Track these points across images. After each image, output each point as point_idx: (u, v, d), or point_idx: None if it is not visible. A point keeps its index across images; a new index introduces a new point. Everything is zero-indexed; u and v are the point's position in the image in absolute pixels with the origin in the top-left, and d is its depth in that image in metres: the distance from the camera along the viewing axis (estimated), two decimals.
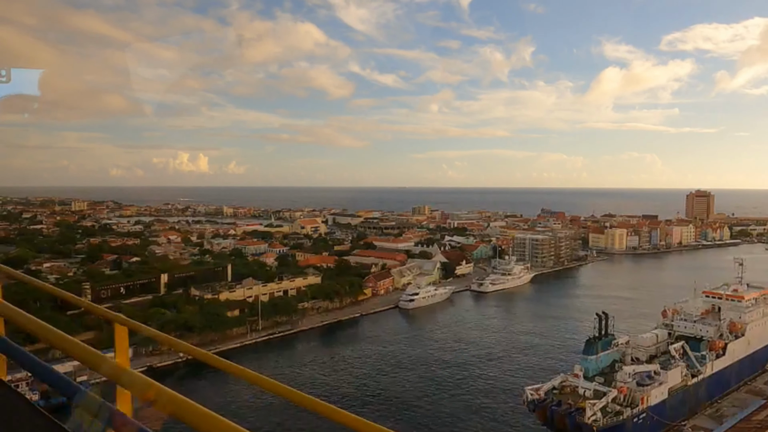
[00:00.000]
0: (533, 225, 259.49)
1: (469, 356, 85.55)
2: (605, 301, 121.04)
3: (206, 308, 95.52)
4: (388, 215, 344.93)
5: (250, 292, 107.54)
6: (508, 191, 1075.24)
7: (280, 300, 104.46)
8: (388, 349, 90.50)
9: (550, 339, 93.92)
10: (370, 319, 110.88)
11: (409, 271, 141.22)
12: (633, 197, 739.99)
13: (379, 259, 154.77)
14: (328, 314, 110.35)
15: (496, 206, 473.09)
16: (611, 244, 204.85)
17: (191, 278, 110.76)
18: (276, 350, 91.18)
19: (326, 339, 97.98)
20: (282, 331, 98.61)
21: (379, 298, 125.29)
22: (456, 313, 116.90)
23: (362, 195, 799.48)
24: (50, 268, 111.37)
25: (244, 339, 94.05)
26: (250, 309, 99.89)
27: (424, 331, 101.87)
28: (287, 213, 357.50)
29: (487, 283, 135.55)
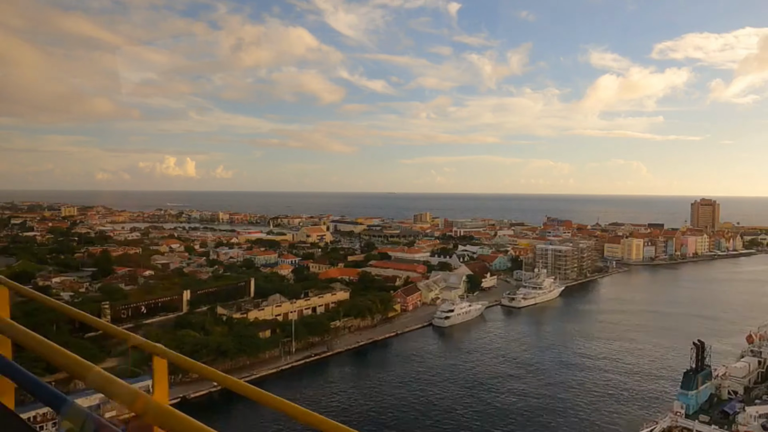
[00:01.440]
0: (543, 234, 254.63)
1: (536, 384, 78.60)
2: (648, 318, 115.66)
3: (236, 329, 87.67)
4: (389, 222, 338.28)
5: (279, 310, 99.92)
6: (497, 197, 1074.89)
7: (312, 319, 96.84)
8: (437, 374, 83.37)
9: (611, 362, 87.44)
10: (405, 339, 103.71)
11: (436, 284, 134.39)
12: (623, 204, 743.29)
13: (399, 271, 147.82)
14: (361, 333, 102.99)
15: (493, 213, 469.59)
16: (628, 255, 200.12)
17: (213, 294, 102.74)
18: (315, 375, 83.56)
19: (365, 361, 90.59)
20: (317, 353, 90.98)
21: (409, 314, 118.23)
22: (495, 331, 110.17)
23: (353, 201, 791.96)
24: (61, 284, 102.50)
25: (279, 363, 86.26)
26: (282, 329, 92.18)
27: (470, 352, 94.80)
28: (285, 220, 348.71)
29: (519, 297, 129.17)
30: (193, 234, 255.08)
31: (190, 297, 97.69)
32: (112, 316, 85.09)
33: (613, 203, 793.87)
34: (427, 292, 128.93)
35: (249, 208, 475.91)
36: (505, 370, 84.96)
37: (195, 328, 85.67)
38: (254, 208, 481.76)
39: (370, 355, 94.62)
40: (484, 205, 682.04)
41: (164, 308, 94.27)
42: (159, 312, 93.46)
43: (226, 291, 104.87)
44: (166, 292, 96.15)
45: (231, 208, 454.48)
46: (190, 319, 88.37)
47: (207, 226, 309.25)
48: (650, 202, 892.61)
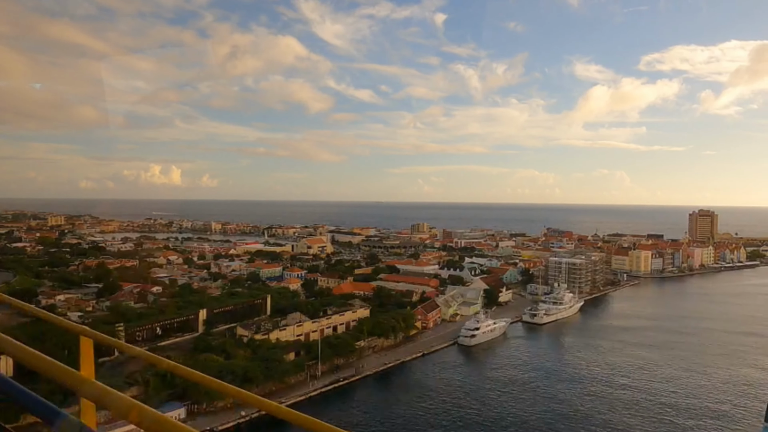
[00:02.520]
0: (546, 245, 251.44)
1: (587, 409, 73.62)
2: (684, 336, 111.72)
3: (260, 352, 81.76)
4: (386, 233, 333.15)
5: (300, 330, 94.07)
6: (485, 207, 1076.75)
7: (336, 339, 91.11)
8: (478, 400, 78.14)
9: (665, 385, 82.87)
10: (433, 360, 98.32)
11: (453, 300, 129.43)
12: (610, 214, 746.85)
13: (412, 285, 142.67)
14: (386, 354, 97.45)
15: (484, 223, 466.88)
16: (636, 267, 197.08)
17: (229, 313, 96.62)
18: (346, 402, 77.91)
19: (396, 385, 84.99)
20: (345, 377, 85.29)
21: (430, 332, 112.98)
22: (523, 350, 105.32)
23: (343, 210, 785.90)
24: (66, 302, 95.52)
25: (306, 388, 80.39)
26: (306, 351, 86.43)
27: (504, 375, 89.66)
28: (279, 230, 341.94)
29: (541, 313, 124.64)
30: (188, 245, 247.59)
31: (206, 316, 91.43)
32: (126, 340, 78.61)
33: (600, 213, 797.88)
34: (446, 308, 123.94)
35: (239, 217, 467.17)
36: (549, 395, 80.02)
37: (216, 351, 79.59)
38: (244, 217, 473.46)
39: (398, 377, 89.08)
40: (474, 215, 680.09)
41: (179, 329, 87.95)
42: (174, 333, 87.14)
43: (242, 309, 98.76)
44: (181, 311, 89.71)
45: (219, 217, 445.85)
46: (209, 341, 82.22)
47: (201, 237, 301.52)
48: (635, 211, 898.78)
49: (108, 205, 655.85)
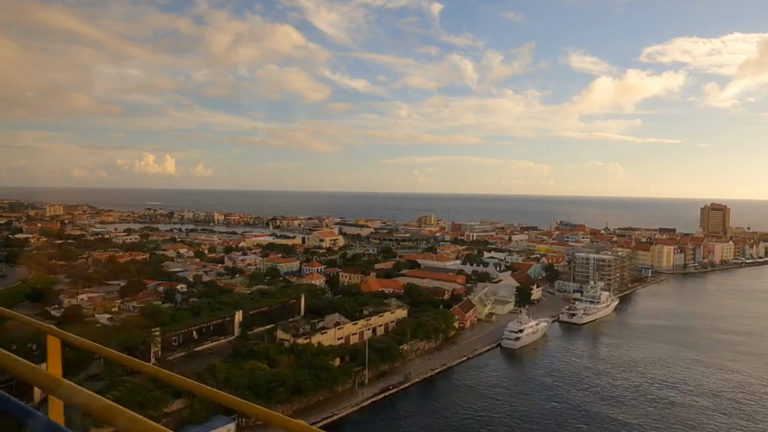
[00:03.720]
0: (560, 239, 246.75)
1: (659, 418, 68.37)
2: (728, 336, 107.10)
3: (304, 358, 75.91)
4: (392, 224, 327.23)
5: (341, 333, 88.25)
6: (480, 198, 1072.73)
7: (382, 343, 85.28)
8: (542, 413, 72.83)
9: (742, 393, 77.95)
10: (479, 364, 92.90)
11: (487, 298, 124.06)
12: (606, 206, 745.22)
13: (439, 282, 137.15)
14: (430, 358, 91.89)
15: (482, 214, 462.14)
16: (657, 262, 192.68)
17: (264, 315, 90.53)
18: (401, 413, 72.26)
19: (447, 393, 79.38)
20: (394, 384, 79.65)
21: (468, 333, 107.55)
22: (569, 352, 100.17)
23: (339, 201, 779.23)
24: (90, 302, 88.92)
25: (356, 397, 74.70)
26: (351, 356, 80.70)
27: (561, 381, 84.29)
28: (284, 221, 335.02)
29: (580, 313, 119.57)
30: (194, 237, 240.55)
31: (241, 318, 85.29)
32: (163, 346, 72.52)
33: (596, 205, 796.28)
34: (482, 307, 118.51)
35: (238, 208, 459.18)
36: (614, 406, 74.83)
37: (258, 357, 73.53)
38: (243, 208, 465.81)
39: (448, 384, 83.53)
40: (471, 206, 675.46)
41: (215, 331, 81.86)
42: (209, 336, 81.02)
43: (277, 310, 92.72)
44: (215, 312, 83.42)
45: (216, 207, 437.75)
46: (250, 346, 76.15)
47: (205, 228, 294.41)
48: (630, 204, 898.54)
49: (102, 195, 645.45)
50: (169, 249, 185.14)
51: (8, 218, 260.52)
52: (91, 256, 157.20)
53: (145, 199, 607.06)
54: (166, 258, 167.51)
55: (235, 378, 65.25)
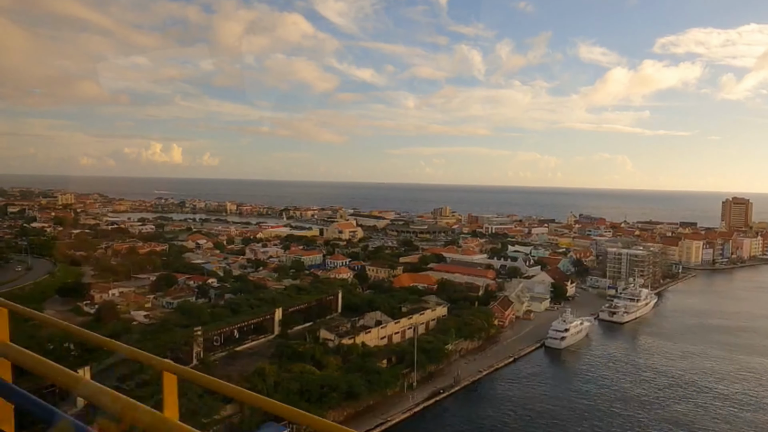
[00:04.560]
0: (582, 233, 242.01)
1: None
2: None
3: (351, 359, 72.00)
4: (406, 216, 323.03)
5: (383, 332, 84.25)
6: (487, 190, 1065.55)
7: (428, 343, 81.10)
8: (605, 421, 68.70)
9: None
10: (525, 365, 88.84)
11: (523, 294, 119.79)
12: (615, 199, 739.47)
13: (471, 277, 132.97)
14: (475, 359, 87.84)
15: (492, 206, 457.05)
16: (686, 258, 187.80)
17: (302, 312, 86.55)
18: (459, 420, 68.25)
19: (501, 399, 75.35)
20: (444, 388, 75.63)
21: (508, 331, 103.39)
22: (618, 354, 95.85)
23: (347, 191, 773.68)
24: (124, 298, 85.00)
25: (407, 402, 70.71)
26: (399, 357, 76.72)
27: (617, 385, 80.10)
28: (297, 212, 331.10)
29: (621, 311, 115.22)
30: (209, 227, 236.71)
31: (281, 316, 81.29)
32: (204, 346, 68.63)
33: (606, 198, 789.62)
34: (519, 304, 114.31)
35: (247, 197, 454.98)
36: (682, 414, 70.65)
37: (304, 358, 69.56)
38: (252, 198, 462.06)
39: (496, 387, 79.46)
40: (479, 198, 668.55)
41: (255, 330, 77.92)
42: (249, 335, 77.11)
43: (315, 307, 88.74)
44: (255, 310, 79.33)
45: (224, 197, 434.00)
46: (295, 346, 72.09)
47: (218, 218, 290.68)
48: (640, 197, 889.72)
49: (110, 183, 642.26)
50: (188, 240, 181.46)
51: (21, 206, 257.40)
52: (111, 246, 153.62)
53: (152, 187, 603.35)
54: (186, 249, 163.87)
55: (285, 382, 61.29)
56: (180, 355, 65.11)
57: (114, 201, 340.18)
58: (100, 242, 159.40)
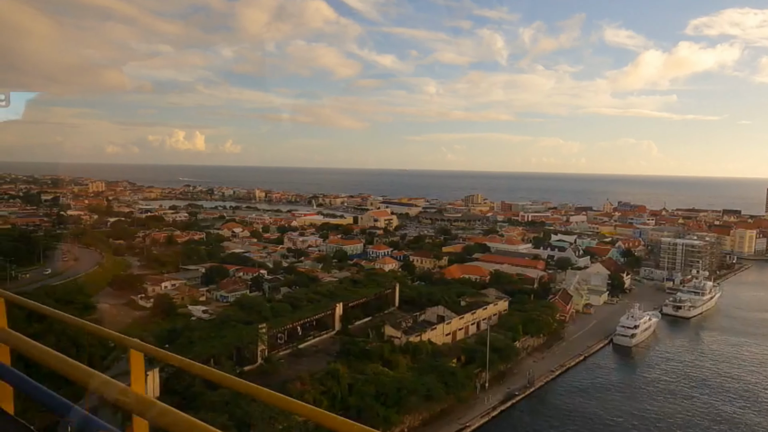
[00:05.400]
0: (623, 220, 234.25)
1: None
2: None
3: (420, 358, 67.62)
4: (436, 203, 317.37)
5: (448, 328, 79.65)
6: (509, 176, 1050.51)
7: (499, 341, 76.26)
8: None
9: None
10: (597, 365, 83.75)
11: (581, 287, 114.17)
12: (644, 185, 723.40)
13: (521, 268, 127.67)
14: (543, 357, 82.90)
15: (524, 193, 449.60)
16: (738, 248, 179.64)
17: (360, 306, 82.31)
18: (542, 428, 63.52)
19: (586, 400, 70.37)
20: (518, 389, 70.90)
21: (571, 327, 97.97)
22: (694, 351, 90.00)
23: (369, 179, 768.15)
24: (178, 292, 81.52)
25: (481, 405, 66.15)
26: (469, 356, 72.15)
27: (708, 383, 74.45)
28: (326, 199, 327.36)
29: (687, 305, 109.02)
30: (241, 215, 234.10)
31: (341, 311, 77.13)
32: (269, 343, 64.67)
33: (634, 184, 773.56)
34: (579, 297, 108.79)
35: (273, 184, 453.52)
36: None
37: (372, 357, 65.31)
38: (278, 184, 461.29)
39: (571, 388, 74.38)
40: (502, 184, 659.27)
41: (316, 326, 73.89)
42: (310, 332, 73.12)
43: (374, 302, 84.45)
44: (316, 305, 75.18)
45: (250, 184, 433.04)
46: (361, 344, 67.87)
47: (249, 206, 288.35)
48: (669, 183, 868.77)
49: (135, 171, 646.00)
50: (223, 228, 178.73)
51: (54, 194, 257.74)
52: (149, 235, 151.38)
53: (176, 175, 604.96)
54: (223, 238, 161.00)
55: (360, 384, 57.07)
56: (246, 354, 61.33)
57: (143, 188, 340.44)
58: (137, 230, 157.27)
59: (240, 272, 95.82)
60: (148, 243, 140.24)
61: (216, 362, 57.05)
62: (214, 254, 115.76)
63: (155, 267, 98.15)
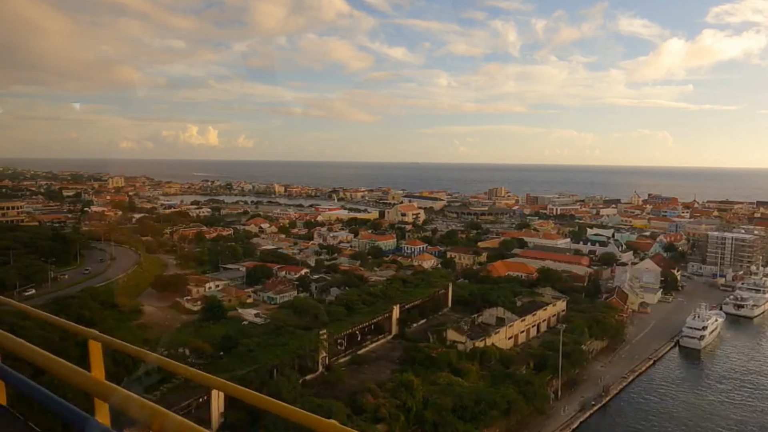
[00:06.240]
0: (657, 213, 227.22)
1: None
2: None
3: (490, 365, 62.70)
4: (458, 197, 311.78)
5: (511, 332, 74.60)
6: (523, 168, 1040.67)
7: (564, 345, 71.06)
8: None
9: None
10: (668, 369, 78.38)
11: (634, 285, 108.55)
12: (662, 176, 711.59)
13: (567, 265, 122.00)
14: (610, 361, 77.61)
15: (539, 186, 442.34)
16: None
17: (416, 308, 77.42)
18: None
19: (668, 412, 65.07)
20: (594, 398, 65.72)
21: (631, 328, 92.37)
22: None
23: (383, 172, 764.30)
24: (225, 293, 76.97)
25: (556, 416, 61.12)
26: (538, 363, 67.08)
27: None
28: (346, 193, 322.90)
29: (749, 304, 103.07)
30: (264, 209, 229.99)
31: (398, 314, 72.29)
32: (329, 351, 59.98)
33: (651, 175, 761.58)
34: (634, 296, 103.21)
35: (287, 179, 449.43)
36: None
37: (438, 364, 60.47)
38: (293, 179, 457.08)
39: (649, 398, 69.00)
40: (516, 176, 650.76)
41: (371, 330, 69.15)
42: (366, 336, 68.40)
43: (429, 303, 79.55)
44: (371, 307, 70.38)
45: (265, 178, 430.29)
46: (425, 350, 62.96)
47: (270, 201, 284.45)
48: (688, 174, 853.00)
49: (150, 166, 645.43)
50: (249, 224, 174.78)
51: (75, 190, 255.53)
52: (176, 231, 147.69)
53: (190, 170, 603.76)
54: (250, 234, 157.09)
55: (434, 396, 52.26)
56: (308, 363, 56.73)
57: (162, 183, 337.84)
58: (163, 226, 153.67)
59: (282, 271, 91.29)
60: (177, 240, 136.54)
61: (279, 372, 52.58)
62: (250, 252, 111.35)
63: (192, 266, 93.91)
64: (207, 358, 54.43)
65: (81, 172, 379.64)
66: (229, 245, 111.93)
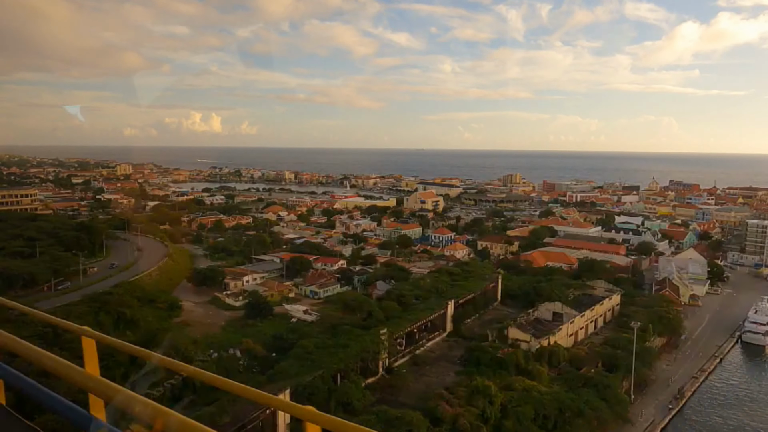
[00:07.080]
0: (681, 200, 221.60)
1: None
2: None
3: (561, 368, 57.80)
4: (472, 184, 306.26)
5: (572, 329, 69.61)
6: (528, 155, 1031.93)
7: (630, 343, 66.01)
8: None
9: None
10: (736, 367, 73.45)
11: (681, 276, 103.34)
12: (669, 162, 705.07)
13: (604, 254, 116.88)
14: (675, 359, 72.70)
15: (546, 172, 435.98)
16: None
17: (468, 303, 72.37)
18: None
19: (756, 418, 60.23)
20: (670, 401, 60.85)
21: (686, 322, 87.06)
22: None
23: (389, 158, 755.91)
24: (266, 288, 71.74)
25: (635, 422, 56.29)
26: (608, 363, 62.13)
27: None
28: (358, 180, 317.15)
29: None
30: (277, 197, 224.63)
31: (452, 310, 67.26)
32: (389, 351, 55.03)
33: (659, 161, 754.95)
34: (684, 288, 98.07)
35: (293, 165, 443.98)
36: None
37: (506, 366, 55.53)
38: (299, 165, 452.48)
39: (728, 402, 63.99)
40: (522, 162, 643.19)
41: (427, 328, 64.17)
42: (421, 334, 63.41)
43: (480, 298, 74.46)
44: (426, 304, 65.25)
45: (267, 165, 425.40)
46: (490, 351, 57.99)
47: (282, 188, 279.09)
48: (692, 160, 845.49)
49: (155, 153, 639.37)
50: (268, 212, 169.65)
51: (84, 177, 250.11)
52: (194, 219, 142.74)
53: (194, 156, 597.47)
54: (270, 222, 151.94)
55: (514, 405, 47.37)
56: (369, 366, 51.79)
57: (171, 170, 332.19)
58: (179, 214, 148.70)
59: (318, 262, 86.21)
60: (197, 228, 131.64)
61: (344, 377, 47.65)
62: (278, 242, 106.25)
63: (222, 257, 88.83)
64: (260, 360, 49.49)
65: (87, 159, 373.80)
66: (257, 235, 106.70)
